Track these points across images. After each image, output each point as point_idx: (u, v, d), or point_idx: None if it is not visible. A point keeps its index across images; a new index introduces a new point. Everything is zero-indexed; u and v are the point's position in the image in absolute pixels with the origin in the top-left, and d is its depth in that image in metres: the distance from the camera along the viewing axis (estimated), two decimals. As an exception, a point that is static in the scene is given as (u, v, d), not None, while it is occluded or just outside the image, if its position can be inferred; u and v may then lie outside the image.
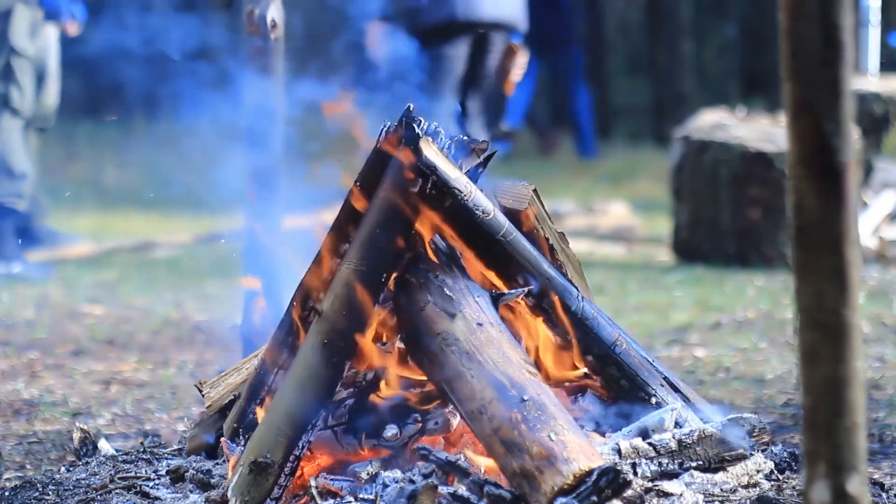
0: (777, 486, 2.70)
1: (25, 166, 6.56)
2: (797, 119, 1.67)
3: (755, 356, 4.68)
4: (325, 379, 2.56)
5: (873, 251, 6.98)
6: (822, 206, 1.67)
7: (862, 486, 1.70)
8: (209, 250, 7.56)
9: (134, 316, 5.62)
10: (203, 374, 4.36)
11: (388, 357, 2.67)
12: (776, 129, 7.12)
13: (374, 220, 2.58)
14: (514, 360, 2.52)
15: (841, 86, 1.65)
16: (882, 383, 4.18)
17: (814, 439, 1.71)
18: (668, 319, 5.44)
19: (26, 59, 6.58)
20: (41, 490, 2.81)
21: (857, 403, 1.70)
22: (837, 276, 1.68)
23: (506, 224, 2.67)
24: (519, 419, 2.41)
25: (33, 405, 4.07)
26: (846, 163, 1.66)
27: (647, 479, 2.55)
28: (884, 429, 3.62)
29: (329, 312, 2.57)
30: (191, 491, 2.70)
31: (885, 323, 5.20)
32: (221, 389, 2.91)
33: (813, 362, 1.70)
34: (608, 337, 2.75)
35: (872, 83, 7.93)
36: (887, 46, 9.18)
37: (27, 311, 5.66)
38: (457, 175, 2.61)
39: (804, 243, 1.69)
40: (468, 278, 2.63)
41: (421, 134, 2.58)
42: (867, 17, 8.05)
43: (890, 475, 3.12)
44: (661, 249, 7.77)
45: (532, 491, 2.36)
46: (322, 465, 2.67)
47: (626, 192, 10.74)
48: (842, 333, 1.69)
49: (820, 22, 1.65)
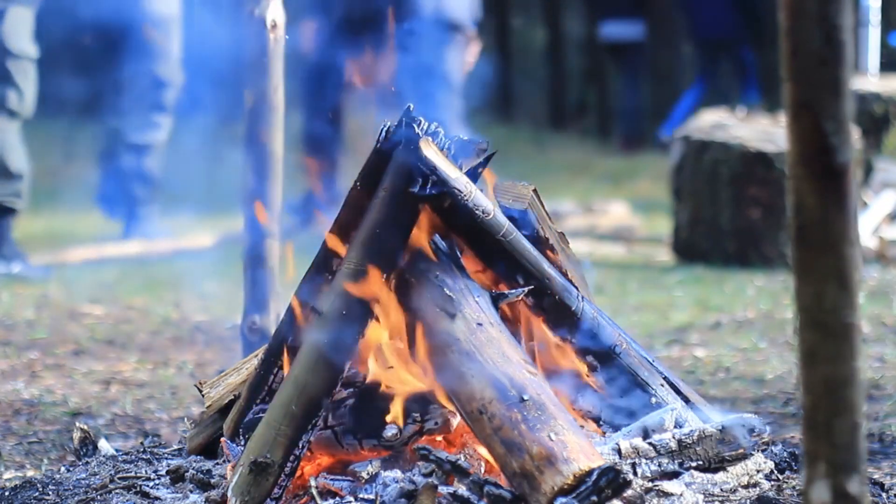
0: (777, 486, 2.70)
1: (22, 166, 6.57)
2: (797, 119, 1.67)
3: (755, 356, 4.68)
4: (325, 379, 2.56)
5: (873, 251, 6.98)
6: (822, 206, 1.67)
7: (862, 486, 1.70)
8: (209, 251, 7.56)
9: (134, 316, 5.61)
10: (203, 374, 4.37)
11: (388, 357, 2.67)
12: (776, 129, 7.12)
13: (374, 220, 2.58)
14: (514, 360, 2.52)
15: (841, 86, 1.65)
16: (882, 383, 4.18)
17: (814, 439, 1.71)
18: (668, 319, 5.44)
19: (26, 60, 6.58)
20: (41, 490, 2.80)
21: (857, 403, 1.70)
22: (837, 276, 1.68)
23: (506, 224, 2.67)
24: (519, 419, 2.41)
25: (33, 405, 4.07)
26: (846, 163, 1.66)
27: (647, 479, 2.55)
28: (884, 429, 3.62)
29: (329, 312, 2.57)
30: (191, 491, 2.70)
31: (885, 323, 5.20)
32: (221, 389, 2.91)
33: (813, 362, 1.70)
34: (608, 337, 2.75)
35: (872, 83, 7.93)
36: (887, 46, 9.18)
37: (27, 311, 5.66)
38: (457, 175, 2.61)
39: (804, 243, 1.69)
40: (468, 278, 2.63)
41: (421, 134, 2.58)
42: (867, 17, 8.05)
43: (890, 475, 3.12)
44: (661, 249, 7.77)
45: (532, 491, 2.36)
46: (322, 465, 2.67)
47: (626, 192, 10.74)
48: (842, 333, 1.69)
49: (820, 22, 1.65)
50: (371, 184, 2.63)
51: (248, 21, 3.55)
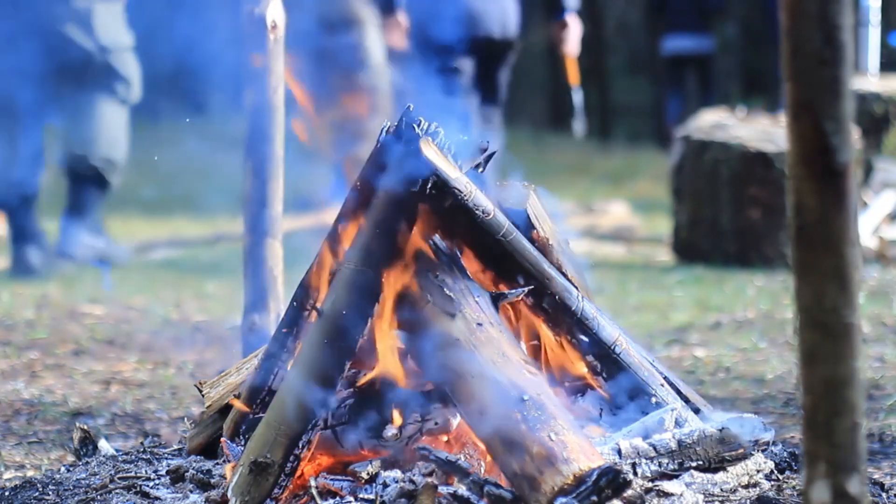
0: (777, 486, 2.70)
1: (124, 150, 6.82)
2: (797, 119, 1.67)
3: (755, 356, 4.68)
4: (325, 379, 2.56)
5: (873, 251, 6.98)
6: (822, 206, 1.67)
7: (862, 486, 1.70)
8: (209, 250, 7.56)
9: (134, 316, 5.62)
10: (203, 374, 4.36)
11: (389, 357, 2.67)
12: (776, 129, 7.12)
13: (375, 221, 2.58)
14: (514, 360, 2.52)
15: (841, 86, 1.65)
16: (882, 383, 4.18)
17: (814, 439, 1.71)
18: (668, 319, 5.44)
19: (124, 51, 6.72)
20: (41, 490, 2.80)
21: (856, 403, 1.70)
22: (837, 276, 1.68)
23: (506, 224, 2.67)
24: (519, 419, 2.41)
25: (33, 405, 4.07)
26: (846, 163, 1.66)
27: (647, 479, 2.55)
28: (884, 429, 3.61)
29: (329, 312, 2.57)
30: (191, 491, 2.70)
31: (885, 323, 5.20)
32: (221, 389, 2.91)
33: (813, 362, 1.70)
34: (608, 337, 2.75)
35: (872, 83, 7.93)
36: (887, 46, 9.17)
37: (27, 311, 5.66)
38: (457, 175, 2.61)
39: (804, 243, 1.69)
40: (468, 278, 2.63)
41: (421, 134, 2.58)
42: (867, 17, 8.05)
43: (890, 475, 3.12)
44: (661, 249, 7.77)
45: (532, 491, 2.36)
46: (322, 465, 2.67)
47: (626, 192, 10.74)
48: (842, 333, 1.69)
49: (820, 22, 1.65)
50: (371, 184, 2.63)
51: (248, 21, 3.55)
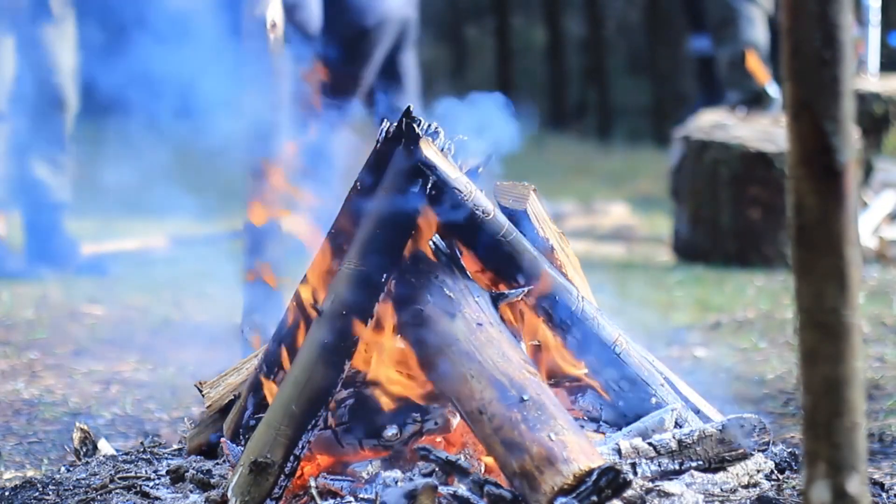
0: (777, 486, 2.70)
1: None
2: (797, 119, 1.67)
3: (755, 356, 4.68)
4: (325, 379, 2.56)
5: (873, 251, 6.98)
6: (822, 206, 1.67)
7: (862, 486, 1.70)
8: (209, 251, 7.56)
9: (134, 316, 5.61)
10: (203, 374, 4.36)
11: (388, 356, 2.67)
12: (776, 129, 7.12)
13: (374, 220, 2.58)
14: (514, 360, 2.52)
15: (841, 86, 1.65)
16: (882, 383, 4.18)
17: (814, 439, 1.71)
18: (668, 319, 5.44)
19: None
20: (41, 490, 2.80)
21: (856, 403, 1.70)
22: (837, 276, 1.68)
23: (506, 224, 2.67)
24: (519, 419, 2.41)
25: (33, 405, 4.07)
26: (846, 163, 1.66)
27: (647, 479, 2.55)
28: (884, 429, 3.61)
29: (329, 312, 2.57)
30: (191, 491, 2.70)
31: (885, 323, 5.20)
32: (221, 389, 2.91)
33: (813, 362, 1.70)
34: (608, 337, 2.75)
35: (872, 83, 7.93)
36: (887, 46, 9.17)
37: (27, 311, 5.66)
38: (457, 175, 2.61)
39: (804, 243, 1.69)
40: (468, 278, 2.63)
41: (421, 134, 2.58)
42: (867, 17, 8.04)
43: (890, 475, 3.12)
44: (661, 249, 7.77)
45: (532, 491, 2.36)
46: (322, 465, 2.67)
47: (626, 192, 10.74)
48: (842, 333, 1.69)
49: (820, 22, 1.65)
50: (371, 184, 2.63)
51: (248, 21, 3.55)
